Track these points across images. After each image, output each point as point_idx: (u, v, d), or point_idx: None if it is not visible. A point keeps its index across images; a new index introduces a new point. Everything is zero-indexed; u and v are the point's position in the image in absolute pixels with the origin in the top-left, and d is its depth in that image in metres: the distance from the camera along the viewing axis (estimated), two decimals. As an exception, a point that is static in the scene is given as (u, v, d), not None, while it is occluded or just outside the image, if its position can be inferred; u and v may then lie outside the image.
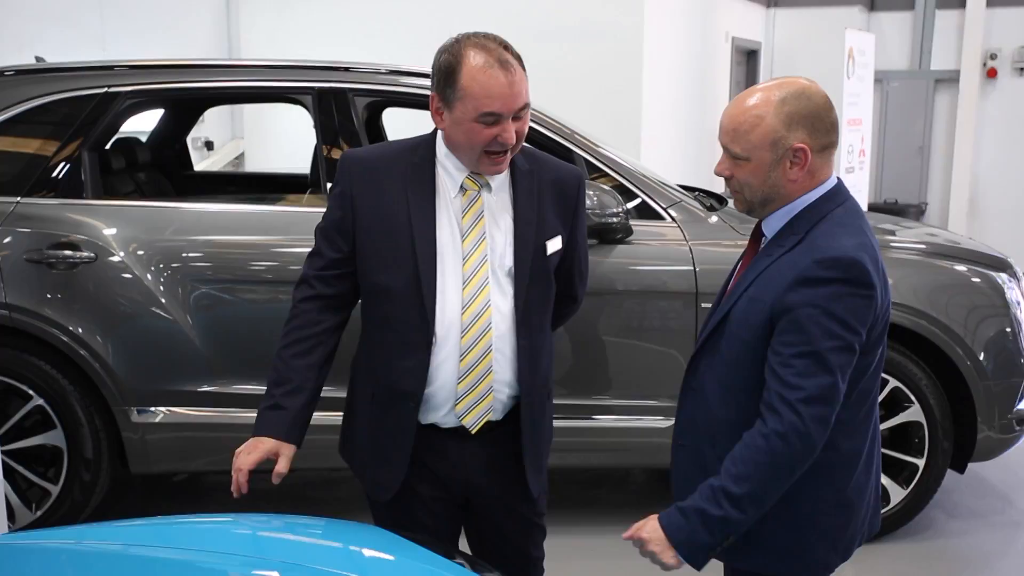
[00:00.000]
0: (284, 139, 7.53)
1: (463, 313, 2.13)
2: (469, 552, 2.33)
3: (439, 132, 2.19)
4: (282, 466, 2.15)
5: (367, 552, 1.89)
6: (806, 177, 1.93)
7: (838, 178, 2.00)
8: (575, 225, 2.31)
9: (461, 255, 2.15)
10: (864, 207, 9.22)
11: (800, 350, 1.83)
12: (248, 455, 2.15)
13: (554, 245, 2.23)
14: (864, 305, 1.85)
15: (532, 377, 2.22)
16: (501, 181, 2.20)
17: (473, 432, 2.21)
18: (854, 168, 8.70)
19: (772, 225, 1.99)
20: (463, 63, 2.03)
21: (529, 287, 2.19)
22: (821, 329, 1.82)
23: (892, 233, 4.24)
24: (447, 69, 2.05)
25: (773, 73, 9.97)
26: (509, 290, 2.18)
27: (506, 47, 2.07)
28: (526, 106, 2.09)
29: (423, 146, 2.20)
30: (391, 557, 1.88)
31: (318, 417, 2.27)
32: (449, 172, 2.17)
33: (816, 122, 1.91)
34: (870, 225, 1.99)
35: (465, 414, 2.19)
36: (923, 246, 3.95)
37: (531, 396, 2.24)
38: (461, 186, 2.16)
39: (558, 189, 2.26)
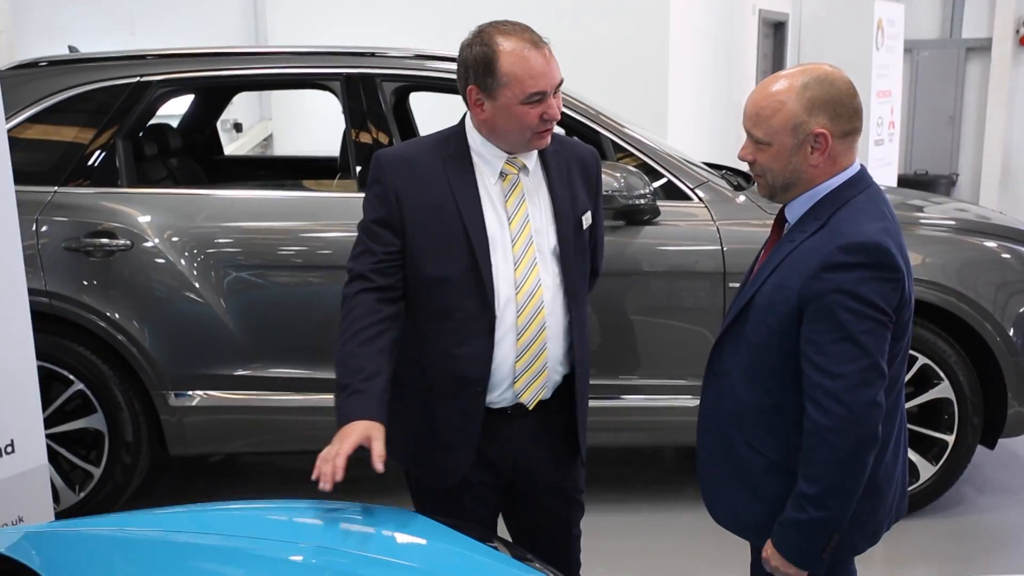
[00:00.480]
0: (312, 120, 7.57)
1: (517, 294, 2.20)
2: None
3: (467, 123, 2.24)
4: (379, 448, 2.06)
5: (404, 537, 1.94)
6: (827, 163, 1.95)
7: (861, 165, 2.01)
8: (597, 200, 2.40)
9: (510, 238, 2.21)
10: (893, 179, 9.17)
11: (834, 336, 1.85)
12: (343, 441, 2.06)
13: (587, 220, 2.32)
14: (891, 288, 1.86)
15: (582, 350, 2.31)
16: (534, 164, 2.27)
17: (531, 408, 2.27)
18: (883, 140, 8.64)
19: (795, 211, 2.01)
20: (498, 51, 2.09)
21: (573, 262, 2.27)
22: (851, 313, 1.84)
23: (921, 209, 4.23)
24: (483, 60, 2.11)
25: (801, 46, 9.88)
26: (555, 268, 2.25)
27: (530, 30, 2.14)
28: (562, 80, 2.17)
29: (454, 139, 2.25)
30: (427, 542, 1.93)
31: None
32: (486, 160, 2.23)
33: (838, 108, 1.92)
34: (893, 210, 2.00)
35: (523, 391, 2.25)
36: (952, 222, 3.94)
37: (582, 368, 2.32)
38: (500, 172, 2.23)
39: (582, 167, 2.34)
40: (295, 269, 3.66)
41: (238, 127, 8.15)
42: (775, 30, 10.37)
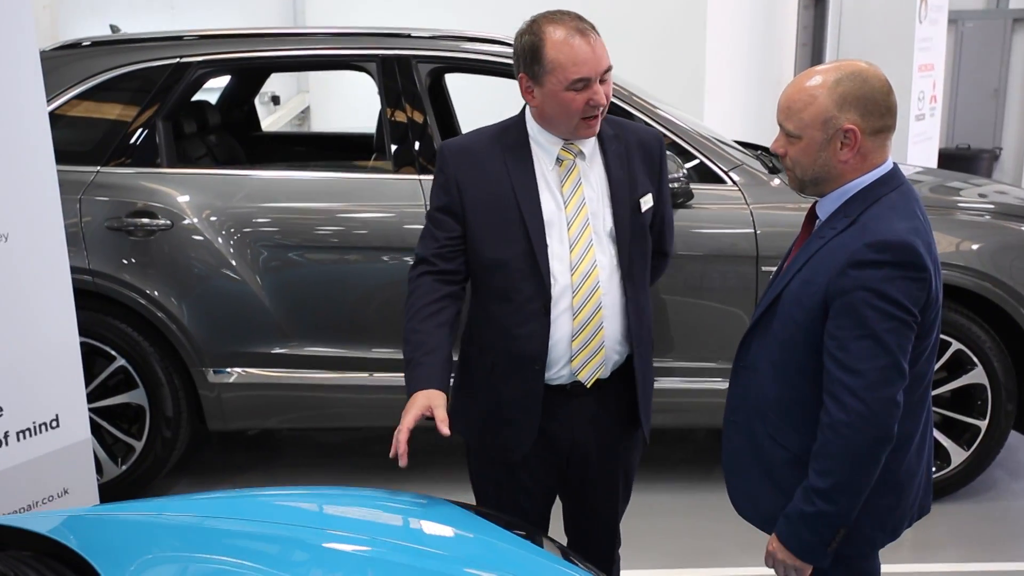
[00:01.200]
0: (349, 93, 7.59)
1: (573, 275, 2.27)
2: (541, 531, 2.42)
3: (527, 112, 2.33)
4: (441, 414, 2.14)
5: (439, 528, 1.98)
6: (858, 159, 1.95)
7: (894, 163, 2.01)
8: (661, 182, 2.44)
9: (566, 221, 2.28)
10: (934, 154, 9.04)
11: (857, 333, 1.86)
12: (404, 416, 2.16)
13: (647, 203, 2.37)
14: (917, 287, 1.87)
15: (640, 330, 2.37)
16: (592, 149, 2.33)
17: (588, 386, 2.34)
18: (924, 115, 8.51)
19: (826, 207, 2.02)
20: (545, 39, 2.19)
21: (630, 244, 2.33)
22: (876, 312, 1.85)
23: (959, 192, 4.19)
24: (531, 48, 2.21)
25: (842, 18, 9.73)
26: (611, 249, 2.32)
27: (580, 18, 2.21)
28: (609, 68, 2.23)
29: (514, 128, 2.34)
30: (462, 531, 1.97)
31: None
32: (543, 147, 2.31)
33: (870, 104, 1.92)
34: (924, 209, 2.00)
35: (580, 369, 2.32)
36: (990, 206, 3.90)
37: (641, 347, 2.38)
38: (557, 158, 2.30)
39: (643, 150, 2.40)
40: (331, 249, 3.71)
41: (276, 100, 8.20)
42: (815, 2, 10.22)
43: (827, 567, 2.00)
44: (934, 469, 3.76)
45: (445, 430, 2.11)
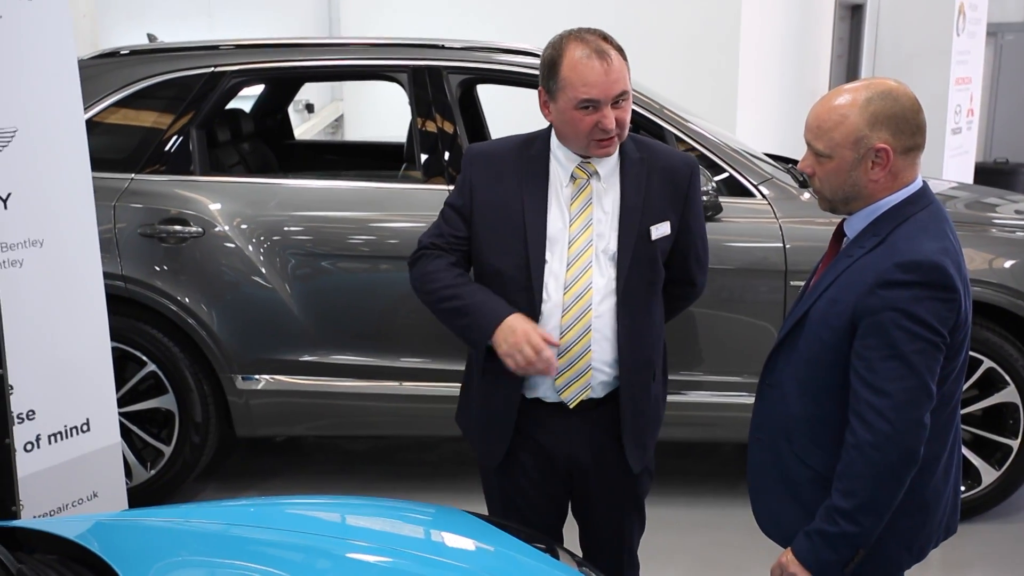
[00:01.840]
0: (382, 102, 7.64)
1: (565, 294, 2.26)
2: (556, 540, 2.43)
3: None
4: (545, 333, 2.20)
5: (461, 540, 1.99)
6: (888, 178, 1.94)
7: (924, 181, 2.00)
8: (687, 210, 2.38)
9: (568, 239, 2.27)
10: (970, 168, 8.95)
11: (884, 353, 1.85)
12: (528, 335, 2.17)
13: (660, 231, 2.32)
14: (946, 308, 1.85)
15: (632, 357, 2.32)
16: (611, 169, 2.31)
17: (572, 407, 2.32)
18: (961, 129, 8.44)
19: (854, 225, 2.01)
20: (564, 56, 2.20)
21: (630, 270, 2.29)
22: (904, 332, 1.84)
23: (994, 209, 4.14)
24: (549, 63, 2.23)
25: (879, 30, 9.65)
26: (611, 272, 2.28)
27: (605, 38, 2.21)
28: (624, 93, 2.20)
29: (540, 139, 2.35)
30: (484, 545, 1.98)
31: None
32: (561, 162, 2.31)
33: (901, 123, 1.91)
34: (954, 229, 1.98)
35: (563, 389, 2.31)
36: (1024, 222, 3.85)
37: (631, 375, 2.33)
38: (572, 175, 2.29)
39: (668, 176, 2.35)
40: (360, 258, 3.74)
41: (310, 108, 8.27)
42: (852, 13, 10.15)
43: None
44: (964, 489, 3.72)
45: (555, 340, 2.19)
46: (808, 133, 1.98)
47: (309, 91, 8.13)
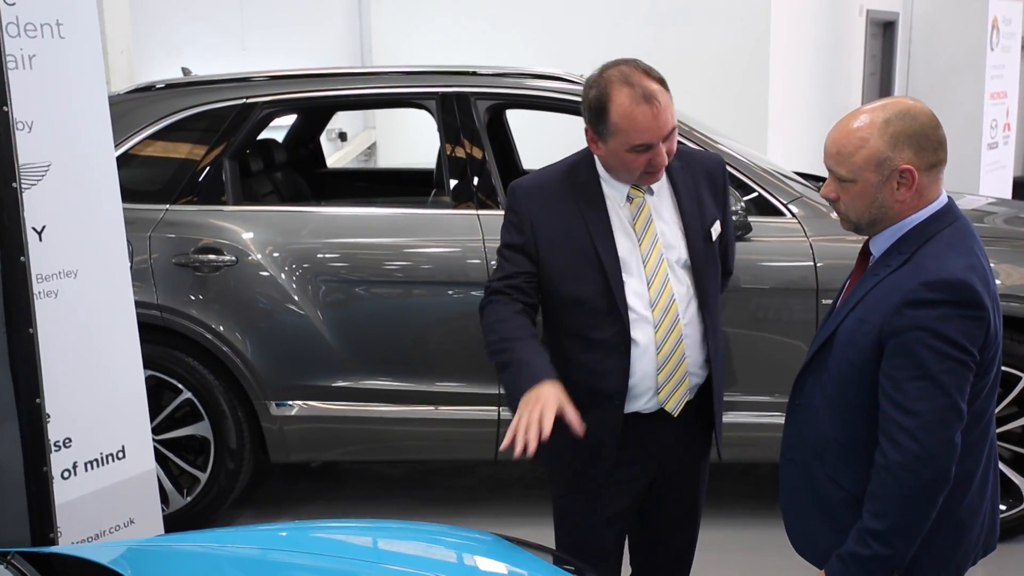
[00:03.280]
0: (414, 129, 7.72)
1: (652, 310, 2.30)
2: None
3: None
4: (572, 412, 2.12)
5: (491, 563, 1.99)
6: (914, 197, 1.92)
7: (949, 197, 1.98)
8: (725, 206, 2.48)
9: (641, 258, 2.31)
10: (1008, 183, 8.84)
11: (912, 373, 1.83)
12: (543, 407, 2.09)
13: (717, 230, 2.40)
14: (975, 326, 1.83)
15: (718, 353, 2.41)
16: (661, 183, 2.36)
17: (676, 416, 2.37)
18: (997, 143, 8.35)
19: (880, 244, 1.99)
20: (611, 100, 2.20)
21: (704, 273, 2.36)
22: (932, 352, 1.82)
23: (1030, 223, 4.09)
24: (597, 107, 2.23)
25: (911, 46, 9.59)
26: (687, 279, 2.35)
27: (648, 73, 2.21)
28: (673, 129, 2.24)
29: (583, 164, 2.37)
30: (515, 568, 1.98)
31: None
32: (613, 186, 2.34)
33: (922, 140, 1.89)
34: (982, 245, 1.96)
35: (667, 400, 2.35)
36: (1064, 237, 3.80)
37: (719, 368, 2.42)
38: (628, 196, 2.33)
39: (709, 178, 2.44)
40: (392, 284, 3.77)
41: (343, 136, 8.38)
42: (884, 30, 10.09)
43: None
44: (1004, 508, 3.65)
45: (580, 428, 2.11)
46: (828, 160, 1.97)
47: (342, 120, 8.24)
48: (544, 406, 2.10)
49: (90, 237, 3.06)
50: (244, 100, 3.92)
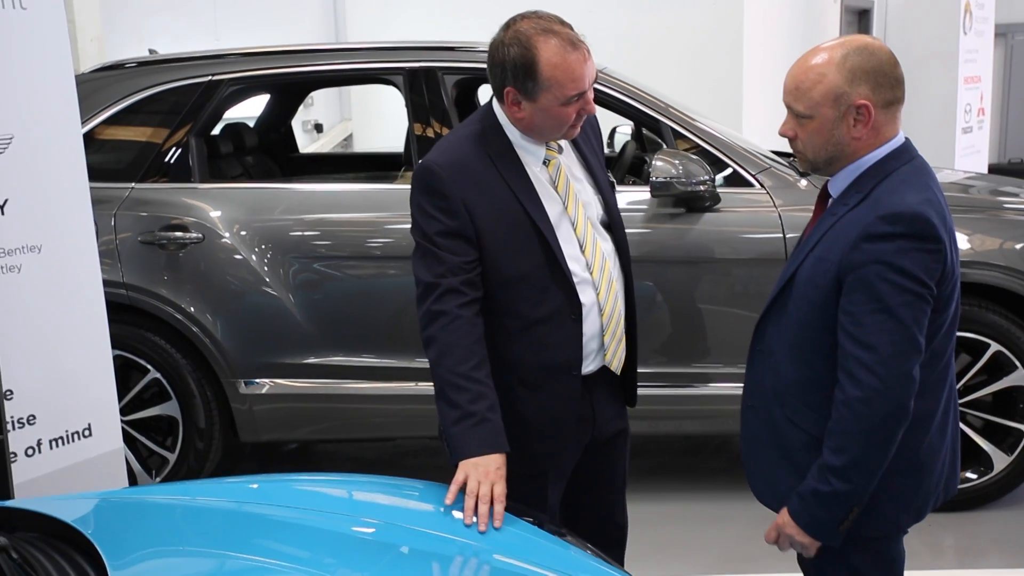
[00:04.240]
0: (390, 119, 7.69)
1: (592, 273, 2.25)
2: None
3: (500, 117, 2.23)
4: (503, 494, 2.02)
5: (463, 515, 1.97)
6: (871, 134, 1.92)
7: (906, 137, 1.98)
8: (603, 156, 2.45)
9: (570, 221, 2.25)
10: (984, 168, 8.87)
11: (871, 308, 1.83)
12: (498, 484, 2.00)
13: (611, 176, 2.39)
14: (932, 259, 1.83)
15: (632, 302, 2.38)
16: (563, 141, 2.30)
17: (619, 373, 2.34)
18: (972, 128, 8.39)
19: (838, 184, 1.99)
20: (539, 54, 2.08)
21: (618, 223, 2.35)
22: (890, 285, 1.82)
23: (1007, 193, 4.09)
24: (523, 64, 2.09)
25: (887, 32, 9.63)
26: (608, 235, 2.32)
27: (560, 20, 2.14)
28: (597, 74, 2.19)
29: (491, 132, 2.22)
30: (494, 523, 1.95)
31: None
32: (529, 151, 2.24)
33: (880, 77, 1.89)
34: (939, 184, 1.96)
35: (612, 360, 2.32)
36: (1036, 207, 3.81)
37: (634, 317, 2.38)
38: (544, 159, 2.25)
39: (592, 130, 2.41)
40: (360, 260, 3.74)
41: (319, 128, 8.33)
42: (859, 17, 10.14)
43: (839, 546, 1.96)
44: (976, 476, 3.67)
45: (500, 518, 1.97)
46: (787, 96, 1.97)
47: (318, 111, 8.20)
48: (495, 483, 1.99)
49: (55, 212, 3.02)
50: (210, 77, 3.88)
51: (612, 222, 2.33)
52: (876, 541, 2.02)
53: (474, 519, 1.95)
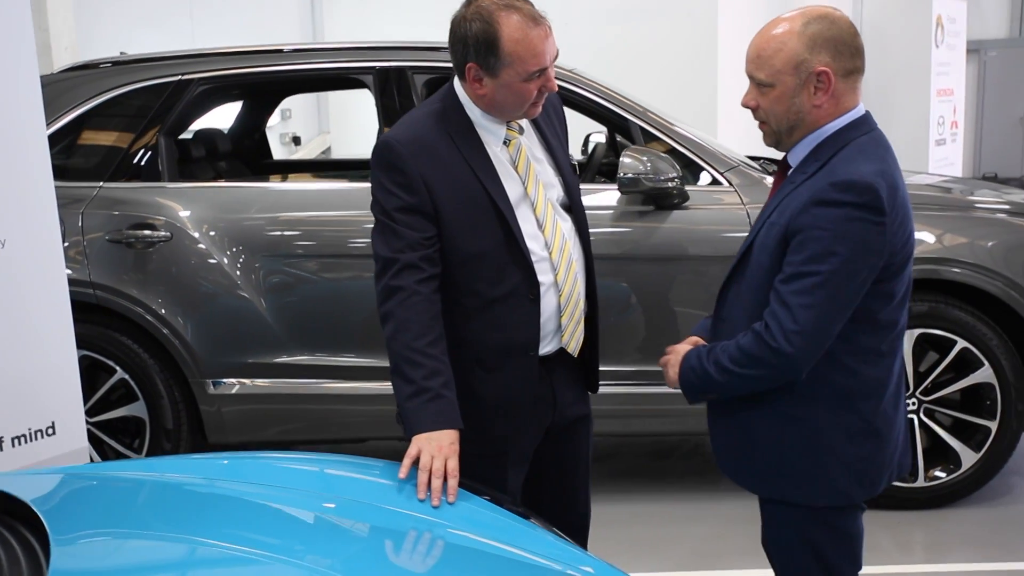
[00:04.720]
0: (369, 131, 7.70)
1: (550, 253, 2.24)
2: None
3: (461, 96, 2.23)
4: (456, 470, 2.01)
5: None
6: (831, 103, 1.94)
7: (867, 110, 1.99)
8: (567, 138, 2.45)
9: (530, 200, 2.24)
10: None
11: (803, 270, 1.87)
12: (451, 459, 2.00)
13: (574, 158, 2.32)
14: (875, 231, 1.85)
15: (592, 286, 2.37)
16: (523, 121, 2.29)
17: (576, 356, 2.33)
18: (945, 140, 8.46)
19: (797, 154, 2.00)
20: (500, 30, 2.08)
21: (579, 204, 2.35)
22: (825, 250, 1.84)
23: (978, 193, 4.14)
24: (485, 39, 2.09)
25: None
26: (569, 216, 2.32)
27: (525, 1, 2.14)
28: (558, 51, 2.18)
29: (451, 111, 2.22)
30: (457, 501, 1.95)
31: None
32: (490, 130, 2.24)
33: (840, 45, 1.91)
34: (895, 157, 1.98)
35: (569, 341, 2.30)
36: (1006, 205, 3.84)
37: (595, 302, 2.38)
38: (504, 139, 2.25)
39: (555, 112, 2.41)
40: (331, 258, 3.72)
41: (296, 140, 8.33)
42: (834, 33, 10.21)
43: (798, 522, 1.96)
44: (945, 474, 3.68)
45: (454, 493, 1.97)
46: (749, 65, 1.99)
47: (296, 124, 8.20)
48: (448, 458, 1.99)
49: (18, 208, 2.99)
50: (180, 77, 3.88)
51: (573, 204, 2.33)
52: (832, 514, 2.02)
53: (428, 494, 1.94)
